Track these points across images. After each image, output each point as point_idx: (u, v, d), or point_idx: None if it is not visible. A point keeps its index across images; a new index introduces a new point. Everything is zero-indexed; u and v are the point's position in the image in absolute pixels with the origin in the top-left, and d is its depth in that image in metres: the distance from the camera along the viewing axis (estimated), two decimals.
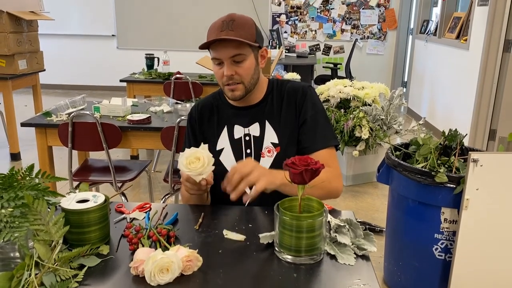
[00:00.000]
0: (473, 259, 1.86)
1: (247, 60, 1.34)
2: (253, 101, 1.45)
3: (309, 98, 1.44)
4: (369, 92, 3.64)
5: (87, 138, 2.39)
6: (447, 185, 1.82)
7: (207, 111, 1.50)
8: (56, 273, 0.93)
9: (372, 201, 3.31)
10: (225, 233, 1.15)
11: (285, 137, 1.43)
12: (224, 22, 1.30)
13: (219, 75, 1.36)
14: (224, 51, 1.31)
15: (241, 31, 1.30)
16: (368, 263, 1.05)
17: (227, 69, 1.33)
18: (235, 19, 1.31)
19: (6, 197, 0.97)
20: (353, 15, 6.82)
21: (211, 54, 1.35)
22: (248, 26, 1.33)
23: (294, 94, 1.45)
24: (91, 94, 6.94)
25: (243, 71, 1.35)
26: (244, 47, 1.32)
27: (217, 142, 1.46)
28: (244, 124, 1.45)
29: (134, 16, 7.04)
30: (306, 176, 0.99)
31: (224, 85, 1.37)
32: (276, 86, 1.48)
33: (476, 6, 4.11)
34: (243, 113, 1.46)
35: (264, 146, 1.43)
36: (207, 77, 4.24)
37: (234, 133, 1.45)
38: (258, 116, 1.45)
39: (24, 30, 4.06)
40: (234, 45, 1.30)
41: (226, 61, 1.33)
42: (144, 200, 2.26)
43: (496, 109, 3.90)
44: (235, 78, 1.35)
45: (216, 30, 1.30)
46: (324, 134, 1.43)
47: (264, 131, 1.43)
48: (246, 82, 1.37)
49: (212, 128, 1.48)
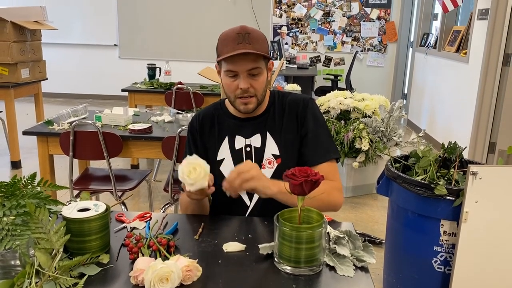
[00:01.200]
0: (472, 272, 1.85)
1: (262, 74, 1.35)
2: (256, 113, 1.45)
3: (310, 111, 1.45)
4: (369, 104, 3.65)
5: (89, 147, 2.40)
6: (446, 198, 1.82)
7: (208, 121, 1.49)
8: (56, 282, 0.94)
9: (372, 213, 3.31)
10: (224, 248, 1.15)
11: (286, 149, 1.43)
12: (239, 35, 1.29)
13: (233, 87, 1.35)
14: (242, 64, 1.31)
15: (257, 45, 1.30)
16: (367, 275, 1.05)
17: (243, 82, 1.32)
18: (250, 32, 1.31)
19: (8, 205, 0.98)
20: (354, 28, 6.87)
21: (225, 66, 1.33)
22: (262, 39, 1.34)
23: (295, 106, 1.45)
24: (93, 103, 6.97)
25: (258, 85, 1.35)
26: (260, 61, 1.33)
27: (217, 153, 1.46)
28: (245, 135, 1.45)
29: (137, 26, 7.10)
30: (306, 187, 1.00)
31: (236, 97, 1.37)
32: (277, 98, 1.49)
33: (476, 20, 4.15)
34: (244, 124, 1.46)
35: (265, 158, 1.43)
36: (208, 88, 4.26)
37: (235, 144, 1.45)
38: (260, 127, 1.45)
39: (27, 39, 4.10)
40: (252, 58, 1.30)
41: (243, 74, 1.32)
42: (144, 209, 2.26)
43: (495, 122, 3.91)
44: (250, 91, 1.34)
45: (232, 42, 1.29)
46: (325, 147, 1.43)
47: (265, 143, 1.44)
48: (259, 95, 1.37)
49: (213, 138, 1.48)
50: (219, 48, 1.34)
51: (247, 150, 1.44)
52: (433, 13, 5.90)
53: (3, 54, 3.89)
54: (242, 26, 1.33)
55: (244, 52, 1.27)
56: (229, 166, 1.44)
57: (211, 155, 1.46)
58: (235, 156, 1.44)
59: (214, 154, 1.46)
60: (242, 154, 1.44)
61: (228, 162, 1.44)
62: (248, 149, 1.44)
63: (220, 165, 1.45)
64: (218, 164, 1.44)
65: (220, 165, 1.45)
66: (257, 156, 1.44)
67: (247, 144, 1.45)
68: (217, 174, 1.40)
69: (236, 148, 1.45)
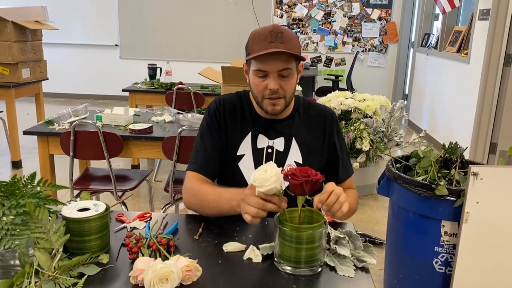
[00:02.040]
0: (473, 273, 1.85)
1: (293, 75, 1.32)
2: (282, 116, 1.41)
3: (336, 126, 1.47)
4: (370, 104, 3.65)
5: (89, 147, 2.40)
6: (447, 198, 1.82)
7: (232, 108, 1.43)
8: (55, 282, 0.93)
9: (373, 213, 3.30)
10: (224, 248, 1.15)
11: (309, 158, 1.41)
12: (272, 34, 1.26)
13: (261, 87, 1.31)
14: (273, 64, 1.27)
15: (290, 44, 1.26)
16: (368, 275, 1.05)
17: (273, 83, 1.28)
18: (283, 31, 1.27)
19: (7, 205, 0.98)
20: (355, 28, 6.87)
21: (255, 65, 1.29)
22: (296, 39, 1.30)
23: (323, 118, 1.45)
24: (93, 103, 6.98)
25: (288, 86, 1.32)
26: (292, 62, 1.29)
27: (238, 147, 1.41)
28: (269, 136, 1.41)
29: (137, 26, 7.10)
30: (306, 187, 1.00)
31: (264, 98, 1.33)
32: (302, 104, 1.46)
33: (477, 20, 4.14)
34: (269, 124, 1.42)
35: (287, 163, 1.39)
36: (209, 88, 4.26)
37: (258, 143, 1.41)
38: (285, 131, 1.42)
39: (28, 39, 4.10)
40: (283, 58, 1.27)
41: (273, 74, 1.28)
42: (145, 210, 2.26)
43: (496, 123, 3.91)
44: (279, 93, 1.31)
45: (264, 41, 1.25)
46: (348, 163, 1.49)
47: (289, 148, 1.41)
48: (288, 97, 1.34)
49: (236, 129, 1.42)
50: (250, 46, 1.29)
51: (268, 152, 1.41)
52: (434, 14, 5.89)
53: (4, 54, 3.89)
54: (275, 24, 1.30)
55: (277, 52, 1.24)
56: (249, 164, 1.40)
57: (231, 146, 1.41)
58: (256, 155, 1.40)
59: (234, 146, 1.41)
60: (263, 154, 1.40)
61: (248, 159, 1.40)
62: (270, 151, 1.41)
63: (239, 160, 1.40)
64: (237, 159, 1.40)
65: (239, 160, 1.40)
66: (279, 160, 1.40)
67: (270, 146, 1.41)
68: (234, 169, 1.40)
69: (258, 147, 1.41)
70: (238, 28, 6.83)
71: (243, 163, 1.40)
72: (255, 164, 1.39)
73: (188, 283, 0.98)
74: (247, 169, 1.40)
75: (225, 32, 6.90)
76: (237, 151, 1.41)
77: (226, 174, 1.43)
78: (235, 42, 6.80)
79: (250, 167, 1.39)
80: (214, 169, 1.40)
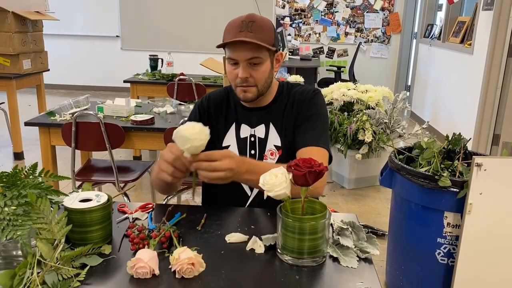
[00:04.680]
0: (476, 264, 1.85)
1: (263, 64, 1.33)
2: (263, 103, 1.44)
3: (311, 99, 1.42)
4: (373, 96, 3.63)
5: (91, 138, 2.39)
6: (450, 189, 1.81)
7: (218, 104, 1.48)
8: (58, 272, 0.93)
9: (375, 205, 3.30)
10: (227, 239, 1.14)
11: (287, 140, 1.42)
12: (243, 23, 1.28)
13: (233, 75, 1.34)
14: (241, 53, 1.29)
15: (260, 34, 1.28)
16: (371, 266, 1.04)
17: (242, 71, 1.31)
18: (255, 20, 1.28)
19: (9, 195, 0.97)
20: (357, 19, 6.82)
21: (227, 53, 1.32)
22: (268, 29, 1.31)
23: (299, 97, 1.43)
24: (95, 94, 6.96)
25: (258, 75, 1.33)
26: (262, 51, 1.31)
27: (223, 138, 1.45)
28: (250, 125, 1.45)
29: (139, 17, 7.06)
30: (309, 178, 0.99)
31: (236, 86, 1.36)
32: (285, 90, 1.47)
33: (481, 11, 4.10)
34: (251, 113, 1.45)
35: (267, 148, 1.43)
36: (211, 79, 4.24)
37: (241, 132, 1.45)
38: (264, 118, 1.44)
39: (29, 30, 4.08)
40: (252, 47, 1.28)
41: (242, 63, 1.31)
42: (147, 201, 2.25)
43: (500, 114, 3.89)
44: (249, 81, 1.33)
45: (235, 29, 1.28)
46: (317, 134, 1.38)
47: (268, 134, 1.43)
48: (260, 85, 1.35)
49: (221, 122, 1.46)
50: (224, 34, 1.32)
51: (251, 140, 1.44)
52: (437, 4, 5.84)
53: (4, 45, 3.88)
54: (249, 14, 1.31)
55: (243, 41, 1.25)
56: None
57: (217, 139, 1.44)
58: (240, 145, 1.44)
59: (219, 139, 1.45)
60: (246, 143, 1.44)
61: (233, 149, 1.44)
62: (253, 139, 1.44)
63: None
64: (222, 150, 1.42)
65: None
66: (260, 146, 1.43)
67: (252, 134, 1.44)
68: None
69: (241, 136, 1.44)
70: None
71: None
72: (240, 154, 1.42)
73: (189, 276, 0.97)
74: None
75: (226, 22, 6.83)
76: (222, 142, 1.45)
77: None
78: None
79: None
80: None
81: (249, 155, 1.43)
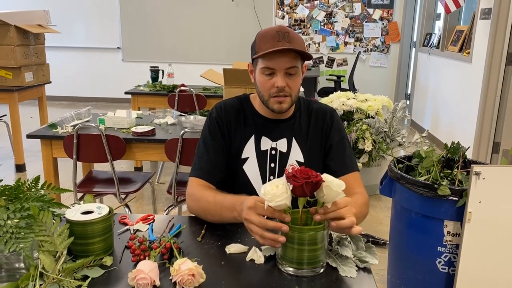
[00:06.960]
0: (476, 272, 1.85)
1: (298, 74, 1.34)
2: (285, 116, 1.43)
3: (335, 123, 1.45)
4: (372, 105, 3.65)
5: (92, 149, 2.41)
6: (449, 198, 1.82)
7: (234, 112, 1.44)
8: (60, 284, 0.94)
9: (375, 214, 3.30)
10: (227, 250, 1.15)
11: (310, 157, 1.42)
12: (279, 33, 1.29)
13: (268, 85, 1.33)
14: (281, 62, 1.30)
15: (296, 44, 1.29)
16: (370, 276, 1.05)
17: (280, 80, 1.31)
18: (289, 31, 1.31)
19: (12, 208, 0.99)
20: (356, 28, 6.87)
21: (262, 63, 1.32)
22: (301, 40, 1.34)
23: (322, 116, 1.45)
24: (96, 106, 7.00)
25: (294, 84, 1.34)
26: (298, 61, 1.32)
27: (243, 150, 1.42)
28: (272, 138, 1.43)
29: (139, 29, 7.12)
30: (306, 188, 1.00)
31: (271, 96, 1.34)
32: (303, 104, 1.48)
33: (479, 20, 4.14)
34: (272, 125, 1.43)
35: (289, 163, 1.42)
36: (211, 90, 4.27)
37: (261, 145, 1.42)
38: (286, 132, 1.43)
39: (31, 43, 4.12)
40: (291, 57, 1.30)
41: (280, 72, 1.31)
42: (148, 212, 2.27)
43: (499, 122, 3.90)
44: (286, 91, 1.33)
45: (271, 40, 1.29)
46: (350, 159, 1.44)
47: (291, 148, 1.42)
48: (294, 95, 1.36)
49: (239, 133, 1.43)
50: (258, 45, 1.32)
51: (272, 153, 1.42)
52: (435, 13, 5.89)
53: (7, 58, 3.91)
54: (280, 25, 1.34)
55: (284, 49, 1.27)
56: (253, 166, 1.41)
57: (235, 151, 1.42)
58: (260, 157, 1.42)
59: (238, 150, 1.42)
60: (267, 156, 1.42)
61: (253, 162, 1.41)
62: (273, 152, 1.42)
63: (244, 163, 1.42)
64: (241, 162, 1.41)
65: (244, 163, 1.42)
66: (281, 160, 1.42)
67: (273, 147, 1.42)
68: (239, 172, 1.41)
69: (261, 149, 1.42)
70: (240, 30, 6.85)
71: (247, 166, 1.41)
72: (260, 166, 1.41)
73: (189, 287, 0.97)
74: (251, 171, 1.41)
75: (226, 34, 6.92)
76: (241, 154, 1.42)
77: (231, 177, 1.43)
78: (237, 44, 6.81)
79: (255, 170, 1.41)
80: (216, 175, 1.40)
81: (269, 168, 1.42)
